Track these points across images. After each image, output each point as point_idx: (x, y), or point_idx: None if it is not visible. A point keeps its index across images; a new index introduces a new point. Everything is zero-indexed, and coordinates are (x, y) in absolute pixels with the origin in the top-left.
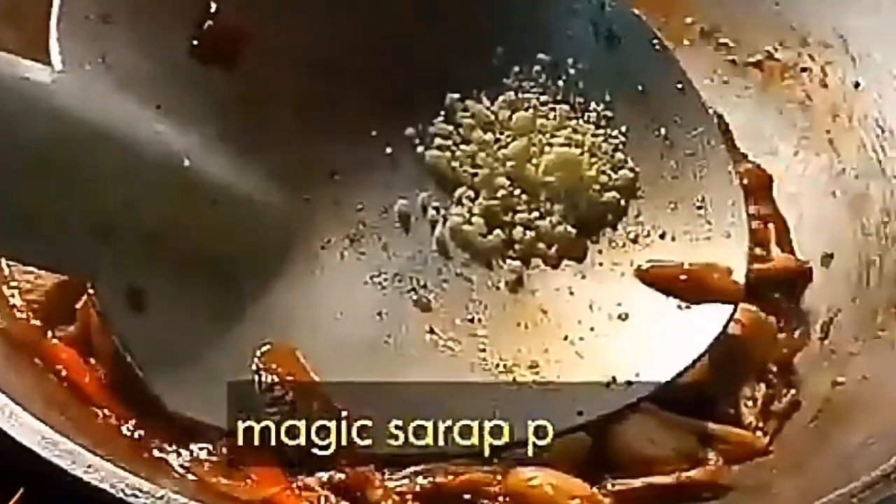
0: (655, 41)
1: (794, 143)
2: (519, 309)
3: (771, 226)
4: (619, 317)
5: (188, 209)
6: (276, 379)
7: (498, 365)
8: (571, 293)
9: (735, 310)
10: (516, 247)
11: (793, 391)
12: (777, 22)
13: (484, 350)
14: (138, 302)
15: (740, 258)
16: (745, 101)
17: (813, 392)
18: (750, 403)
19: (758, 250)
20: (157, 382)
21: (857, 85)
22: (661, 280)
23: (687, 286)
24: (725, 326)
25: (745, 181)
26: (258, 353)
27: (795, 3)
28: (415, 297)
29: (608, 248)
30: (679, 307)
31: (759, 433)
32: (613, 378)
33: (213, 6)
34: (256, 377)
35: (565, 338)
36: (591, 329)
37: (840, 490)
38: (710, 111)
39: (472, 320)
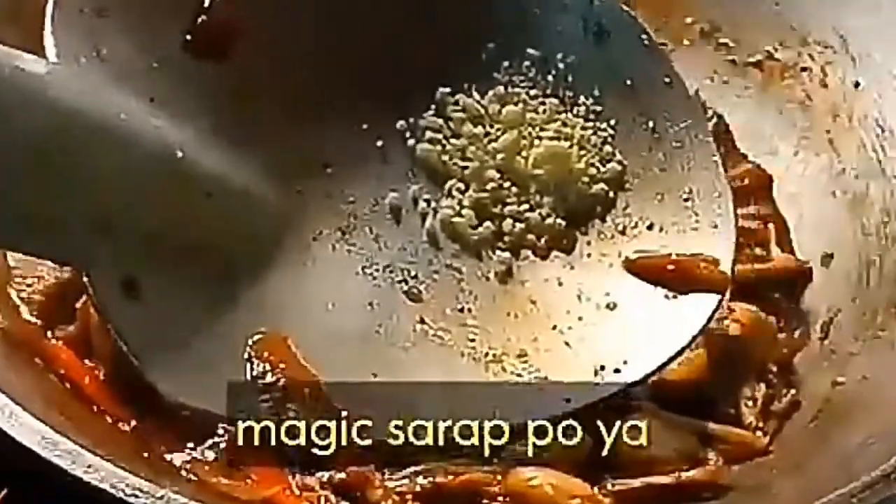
0: (644, 36)
1: (794, 143)
2: (508, 299)
3: (771, 226)
4: (608, 306)
5: (183, 201)
6: (268, 367)
7: (487, 354)
8: (560, 284)
9: (722, 299)
10: (506, 238)
11: (793, 391)
12: (777, 22)
13: (474, 339)
14: (133, 291)
15: (727, 248)
16: (745, 101)
17: (813, 392)
18: (750, 403)
19: (758, 250)
20: (152, 370)
21: (857, 85)
22: (649, 270)
23: (674, 276)
24: (712, 316)
25: (745, 181)
26: (250, 342)
27: (795, 3)
28: (405, 288)
29: (597, 240)
30: (666, 297)
31: (759, 433)
32: (602, 366)
33: (207, 0)
34: (248, 365)
35: (554, 327)
36: (580, 319)
37: (840, 490)
38: (704, 108)
39: (462, 310)
